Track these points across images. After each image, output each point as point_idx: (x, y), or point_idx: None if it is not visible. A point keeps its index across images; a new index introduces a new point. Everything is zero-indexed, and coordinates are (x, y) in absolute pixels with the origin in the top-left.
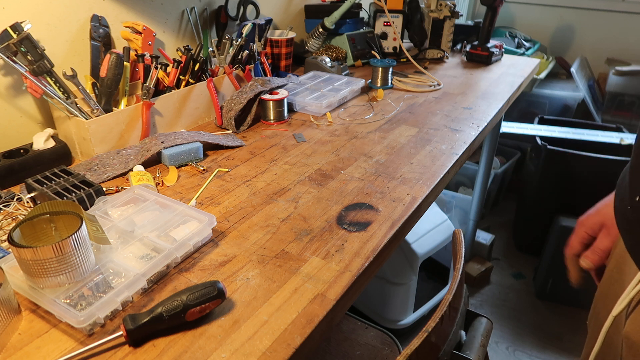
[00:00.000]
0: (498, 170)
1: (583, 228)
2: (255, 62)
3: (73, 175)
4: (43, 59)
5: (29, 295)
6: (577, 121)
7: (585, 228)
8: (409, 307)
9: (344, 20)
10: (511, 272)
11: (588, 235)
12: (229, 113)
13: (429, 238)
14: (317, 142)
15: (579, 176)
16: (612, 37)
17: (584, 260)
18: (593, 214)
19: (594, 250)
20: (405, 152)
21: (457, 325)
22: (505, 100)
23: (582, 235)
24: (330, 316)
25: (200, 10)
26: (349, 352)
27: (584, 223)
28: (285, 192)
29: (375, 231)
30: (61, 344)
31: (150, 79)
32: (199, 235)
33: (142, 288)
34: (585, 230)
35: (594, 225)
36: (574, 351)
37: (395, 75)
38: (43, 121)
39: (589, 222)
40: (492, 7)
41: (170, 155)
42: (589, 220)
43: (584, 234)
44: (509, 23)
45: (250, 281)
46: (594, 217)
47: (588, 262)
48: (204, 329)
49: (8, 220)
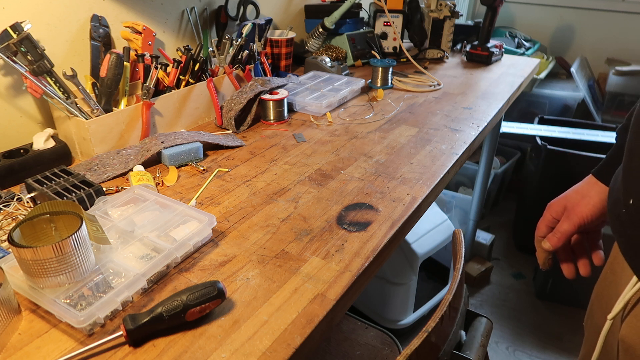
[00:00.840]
0: (498, 170)
1: (549, 211)
2: (255, 62)
3: (73, 175)
4: (43, 59)
5: (29, 295)
6: (577, 121)
7: (551, 211)
8: (409, 307)
9: (344, 20)
10: (511, 272)
11: (553, 218)
12: (229, 113)
13: (429, 238)
14: (317, 142)
15: (579, 176)
16: (612, 37)
17: (544, 242)
18: (560, 198)
19: (554, 233)
20: (405, 152)
21: (457, 325)
22: (505, 100)
23: (547, 218)
24: (330, 316)
25: (200, 10)
26: (349, 352)
27: (550, 206)
28: (285, 192)
29: (375, 231)
30: (61, 344)
31: (150, 79)
32: (199, 235)
33: (142, 288)
34: (551, 214)
35: (558, 208)
36: (574, 351)
37: (395, 75)
38: (43, 121)
39: (554, 206)
40: (492, 7)
41: (170, 155)
42: (555, 204)
43: (550, 217)
44: (509, 23)
45: (250, 281)
46: (559, 201)
47: (547, 244)
48: (204, 329)
49: (8, 220)
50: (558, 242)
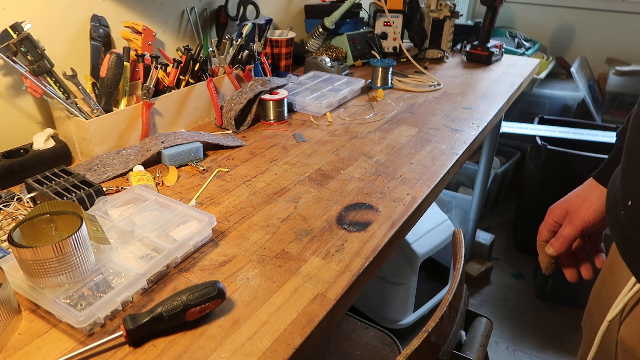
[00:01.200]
0: (498, 170)
1: (550, 215)
2: (255, 62)
3: (73, 175)
4: (43, 59)
5: (29, 295)
6: (577, 121)
7: (553, 215)
8: (409, 307)
9: (344, 20)
10: (511, 272)
11: (554, 222)
12: (229, 113)
13: (429, 238)
14: (317, 142)
15: (579, 176)
16: (612, 37)
17: (548, 248)
18: (561, 202)
19: (557, 238)
20: (405, 152)
21: (457, 325)
22: (505, 100)
23: (549, 222)
24: (330, 316)
25: (200, 10)
26: (349, 352)
27: (552, 211)
28: (285, 192)
29: (375, 231)
30: (61, 344)
31: (150, 79)
32: (199, 235)
33: (142, 288)
34: (552, 218)
35: (559, 212)
36: (574, 351)
37: (395, 75)
38: (43, 121)
39: (556, 210)
40: (492, 7)
41: (170, 155)
42: (556, 208)
43: (551, 221)
44: (509, 23)
45: (250, 281)
46: (560, 205)
47: (551, 250)
48: (204, 329)
49: (8, 220)
50: (561, 247)
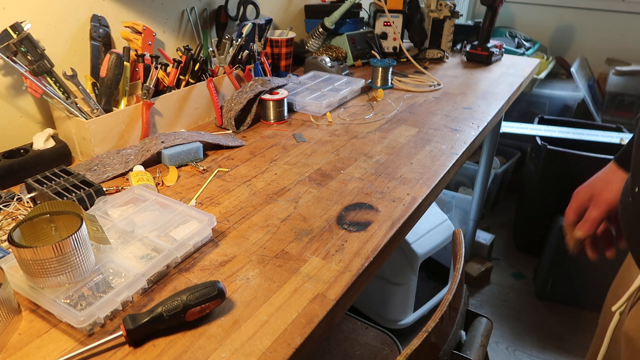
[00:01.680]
0: (498, 170)
1: (576, 199)
2: (255, 62)
3: (73, 175)
4: (43, 59)
5: (29, 295)
6: (577, 121)
7: (578, 199)
8: (409, 307)
9: (344, 20)
10: (511, 272)
11: (580, 205)
12: (229, 113)
13: (429, 238)
14: (317, 142)
15: (579, 176)
16: (612, 37)
17: (577, 232)
18: (585, 186)
19: (585, 221)
20: (405, 152)
21: (457, 325)
22: (505, 100)
23: (575, 205)
24: (330, 316)
25: (200, 10)
26: (349, 352)
27: (577, 194)
28: (285, 192)
29: (375, 231)
30: (61, 344)
31: (150, 79)
32: (199, 235)
33: (142, 288)
34: (578, 201)
35: (584, 196)
36: (574, 351)
37: (395, 75)
38: (43, 121)
39: (581, 193)
40: (492, 7)
41: (170, 155)
42: (581, 191)
43: (577, 204)
44: (509, 23)
45: (250, 281)
46: (585, 189)
47: (580, 232)
48: (204, 329)
49: (8, 220)
50: (590, 229)
